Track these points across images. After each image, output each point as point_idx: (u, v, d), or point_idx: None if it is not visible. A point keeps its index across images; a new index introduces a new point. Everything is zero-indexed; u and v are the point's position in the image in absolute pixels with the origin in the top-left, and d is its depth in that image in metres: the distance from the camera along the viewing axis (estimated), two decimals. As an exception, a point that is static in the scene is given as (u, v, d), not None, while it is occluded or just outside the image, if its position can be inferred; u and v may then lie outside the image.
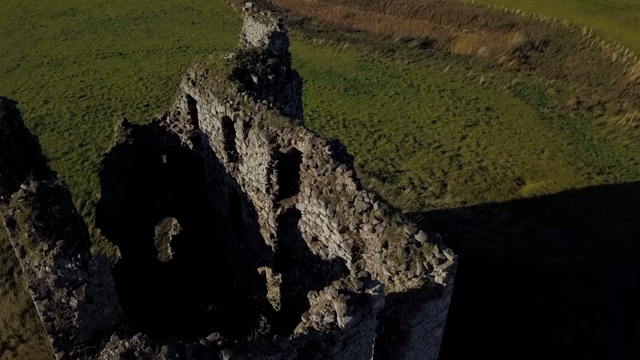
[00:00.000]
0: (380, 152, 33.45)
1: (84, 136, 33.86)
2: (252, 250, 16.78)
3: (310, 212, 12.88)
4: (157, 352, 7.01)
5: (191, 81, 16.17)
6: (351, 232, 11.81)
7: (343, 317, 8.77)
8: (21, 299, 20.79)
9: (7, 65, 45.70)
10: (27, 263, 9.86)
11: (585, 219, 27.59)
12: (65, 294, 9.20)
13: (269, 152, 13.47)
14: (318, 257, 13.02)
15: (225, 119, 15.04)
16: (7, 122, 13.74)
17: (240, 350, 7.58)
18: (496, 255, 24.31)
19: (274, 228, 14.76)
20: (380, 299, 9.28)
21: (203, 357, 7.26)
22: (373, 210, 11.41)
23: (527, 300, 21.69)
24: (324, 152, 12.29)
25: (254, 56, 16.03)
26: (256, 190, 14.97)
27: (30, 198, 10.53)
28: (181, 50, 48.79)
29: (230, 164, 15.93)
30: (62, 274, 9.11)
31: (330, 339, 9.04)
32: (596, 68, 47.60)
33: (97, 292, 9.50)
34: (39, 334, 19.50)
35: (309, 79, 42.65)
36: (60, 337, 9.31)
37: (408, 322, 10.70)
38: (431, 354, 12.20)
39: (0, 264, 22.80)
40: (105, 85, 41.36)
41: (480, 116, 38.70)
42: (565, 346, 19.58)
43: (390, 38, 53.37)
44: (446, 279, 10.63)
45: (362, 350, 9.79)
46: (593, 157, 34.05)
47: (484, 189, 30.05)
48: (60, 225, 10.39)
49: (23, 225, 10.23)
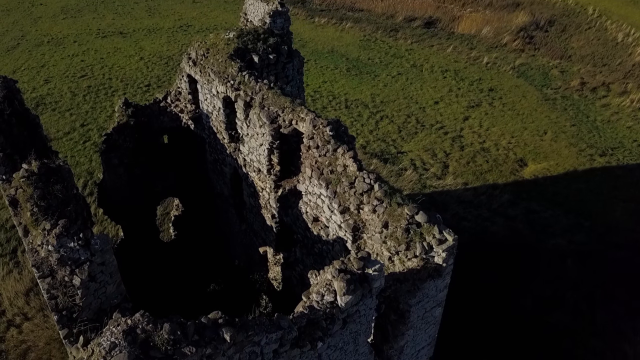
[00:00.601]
0: (382, 133, 33.32)
1: (85, 116, 33.77)
2: (254, 230, 16.86)
3: (311, 193, 12.91)
4: (159, 330, 7.11)
5: (192, 61, 16.05)
6: (352, 212, 11.85)
7: (343, 296, 8.86)
8: (25, 277, 21.01)
9: (7, 44, 45.33)
10: (30, 242, 9.94)
11: (587, 201, 27.59)
12: (68, 273, 9.29)
13: (269, 133, 13.43)
14: (319, 237, 13.08)
15: (226, 99, 14.97)
16: (8, 101, 13.70)
17: (241, 327, 7.68)
18: (497, 236, 24.40)
19: (275, 208, 14.80)
20: (380, 279, 9.36)
21: (205, 335, 7.37)
22: (374, 191, 11.42)
23: (527, 281, 21.84)
24: (325, 133, 12.25)
25: (255, 35, 15.87)
26: (257, 170, 14.98)
27: (32, 177, 10.56)
28: (182, 30, 48.29)
29: (231, 144, 15.91)
30: (65, 253, 9.18)
31: (330, 317, 9.15)
32: (601, 48, 47.01)
33: (99, 271, 9.59)
34: (44, 312, 19.75)
35: (311, 59, 42.29)
36: (64, 314, 9.43)
37: (408, 302, 10.81)
38: (430, 333, 12.35)
39: (4, 243, 22.98)
40: (106, 65, 41.09)
41: (483, 97, 38.42)
42: (564, 326, 19.76)
43: (394, 17, 52.66)
44: (446, 259, 10.69)
45: (362, 329, 9.91)
46: (596, 139, 33.88)
47: (486, 170, 29.99)
48: (63, 205, 10.45)
49: (25, 205, 10.29)
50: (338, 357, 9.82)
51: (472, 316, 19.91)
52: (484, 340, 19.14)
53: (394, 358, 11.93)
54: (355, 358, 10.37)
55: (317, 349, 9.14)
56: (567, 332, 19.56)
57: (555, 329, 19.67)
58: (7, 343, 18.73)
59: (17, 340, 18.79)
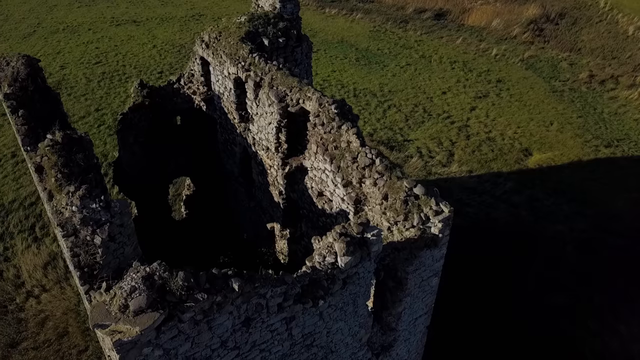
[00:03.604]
0: (390, 121, 33.87)
1: (100, 101, 34.68)
2: (262, 207, 17.59)
3: (317, 168, 13.58)
4: (174, 277, 7.84)
5: (205, 43, 16.74)
6: (354, 186, 12.51)
7: (343, 257, 9.52)
8: (43, 252, 21.96)
9: (24, 31, 46.37)
10: (54, 205, 10.73)
11: (590, 190, 27.99)
12: (90, 232, 10.06)
13: (278, 111, 14.10)
14: (323, 210, 13.77)
15: (237, 79, 15.65)
16: (31, 78, 14.51)
17: (249, 279, 8.38)
18: (499, 222, 24.95)
19: (283, 185, 15.50)
20: (378, 243, 10.01)
21: (215, 283, 8.08)
22: (375, 165, 12.06)
23: (527, 265, 22.39)
24: (331, 111, 12.90)
25: (266, 19, 16.51)
26: (266, 149, 15.67)
27: (56, 146, 11.33)
28: (194, 19, 49.01)
29: (241, 124, 16.61)
30: (87, 214, 9.96)
31: (331, 277, 9.83)
32: (612, 42, 47.00)
33: (118, 232, 10.35)
34: (60, 284, 20.70)
35: (321, 49, 42.85)
36: (86, 271, 10.20)
37: (405, 269, 11.46)
38: (427, 302, 13.00)
39: (22, 220, 23.94)
40: (119, 52, 41.94)
41: (491, 88, 38.76)
42: (562, 307, 20.33)
43: (404, 9, 52.96)
44: (442, 230, 11.31)
45: (360, 291, 10.58)
46: (602, 130, 34.15)
47: (491, 159, 30.46)
48: (84, 172, 11.22)
49: (50, 171, 11.07)
50: (338, 316, 10.51)
51: (473, 297, 20.54)
52: (484, 319, 19.78)
53: (392, 324, 12.62)
54: (354, 319, 11.06)
55: (318, 307, 9.84)
56: (565, 312, 20.13)
57: (553, 310, 20.23)
58: (26, 312, 19.69)
59: (36, 309, 19.76)
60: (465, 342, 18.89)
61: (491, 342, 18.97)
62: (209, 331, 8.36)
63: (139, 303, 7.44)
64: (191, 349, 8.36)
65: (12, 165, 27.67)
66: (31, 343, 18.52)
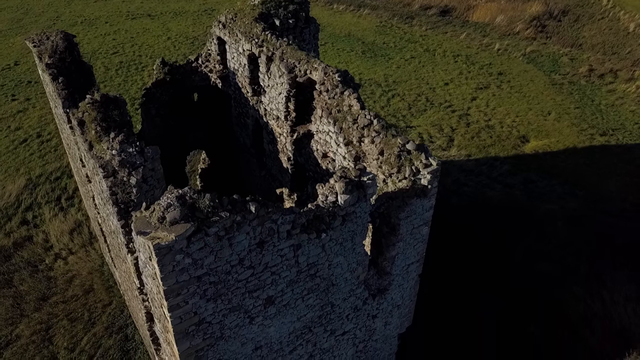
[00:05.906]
0: (393, 109, 35.45)
1: (118, 88, 36.56)
2: (272, 174, 19.26)
3: (321, 131, 15.22)
4: (202, 198, 9.48)
5: (222, 24, 18.44)
6: (354, 144, 14.12)
7: (342, 195, 11.14)
8: (69, 219, 23.78)
9: (43, 24, 48.47)
10: (95, 153, 12.45)
11: (583, 173, 29.40)
12: (127, 174, 11.76)
13: (287, 82, 15.75)
14: (327, 170, 15.40)
15: (251, 55, 17.33)
16: (68, 51, 16.29)
17: (264, 205, 10.02)
18: (494, 200, 26.44)
19: (291, 151, 17.15)
20: (372, 186, 11.60)
21: (236, 205, 9.71)
22: (373, 125, 13.68)
23: (519, 238, 23.85)
24: (334, 79, 14.53)
25: (277, 2, 18.18)
26: (276, 118, 17.33)
27: (95, 104, 13.06)
28: (207, 13, 50.87)
29: (254, 97, 18.29)
30: (125, 157, 11.67)
31: (332, 214, 11.44)
32: (612, 38, 48.26)
33: (150, 175, 12.05)
34: (85, 247, 22.50)
35: (328, 42, 44.52)
36: (122, 207, 11.91)
37: (398, 216, 13.05)
38: (419, 250, 14.58)
39: (49, 192, 25.77)
40: (135, 44, 43.89)
41: (492, 80, 40.22)
42: (549, 274, 21.80)
43: (410, 5, 54.54)
44: (430, 181, 12.89)
45: (357, 229, 12.18)
46: (598, 120, 35.51)
47: (489, 144, 31.95)
48: (120, 126, 12.92)
49: (90, 125, 12.79)
50: (338, 251, 12.12)
51: (468, 266, 22.07)
52: (478, 284, 21.31)
53: (387, 268, 14.22)
54: (353, 256, 12.65)
55: (321, 239, 11.46)
56: (551, 279, 21.59)
57: (540, 276, 21.71)
58: (55, 271, 21.50)
59: (64, 269, 21.57)
60: (459, 303, 20.43)
61: (484, 302, 20.51)
62: (229, 247, 9.98)
63: (174, 215, 9.09)
64: (214, 262, 9.99)
65: (38, 144, 29.57)
66: (60, 297, 20.31)
